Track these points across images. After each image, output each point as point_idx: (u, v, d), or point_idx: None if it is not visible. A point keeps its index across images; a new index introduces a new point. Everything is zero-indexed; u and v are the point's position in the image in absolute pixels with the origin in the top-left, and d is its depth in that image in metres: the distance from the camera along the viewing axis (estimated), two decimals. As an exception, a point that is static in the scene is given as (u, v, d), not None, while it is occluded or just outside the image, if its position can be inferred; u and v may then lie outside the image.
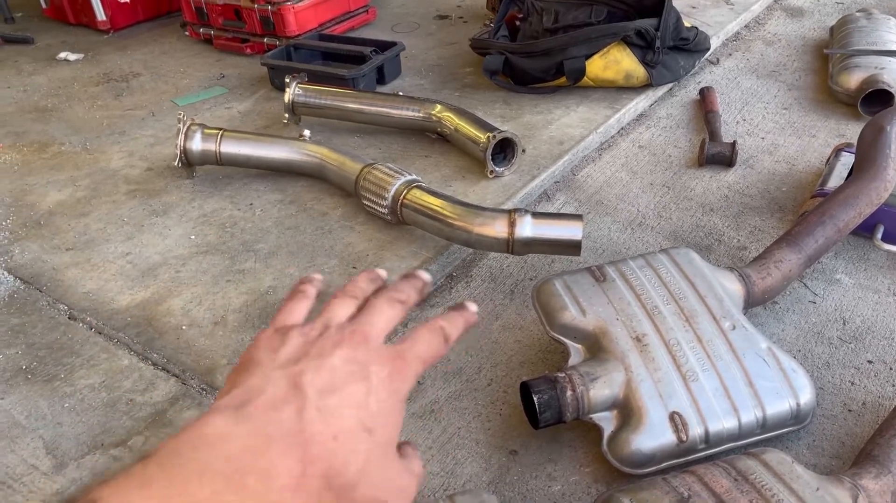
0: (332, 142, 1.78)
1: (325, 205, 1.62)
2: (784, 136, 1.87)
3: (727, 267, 1.20)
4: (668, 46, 2.00)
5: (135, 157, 1.89)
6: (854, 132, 1.63)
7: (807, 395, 1.01)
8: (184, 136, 1.65)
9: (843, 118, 1.93)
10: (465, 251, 1.48)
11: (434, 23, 2.74)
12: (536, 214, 1.31)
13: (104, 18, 2.79)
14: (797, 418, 1.01)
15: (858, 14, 2.24)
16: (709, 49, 2.18)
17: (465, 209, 1.36)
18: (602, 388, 1.00)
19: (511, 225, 1.30)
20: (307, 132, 1.68)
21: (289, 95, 1.87)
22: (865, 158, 1.35)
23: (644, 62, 1.96)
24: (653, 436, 0.96)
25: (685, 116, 2.00)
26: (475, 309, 0.52)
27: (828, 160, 1.60)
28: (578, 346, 1.08)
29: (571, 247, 1.29)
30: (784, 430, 1.02)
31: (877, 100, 1.84)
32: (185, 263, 1.47)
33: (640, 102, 2.02)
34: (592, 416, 1.01)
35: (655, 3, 2.00)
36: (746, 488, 0.83)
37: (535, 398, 0.99)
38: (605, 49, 1.94)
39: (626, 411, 0.99)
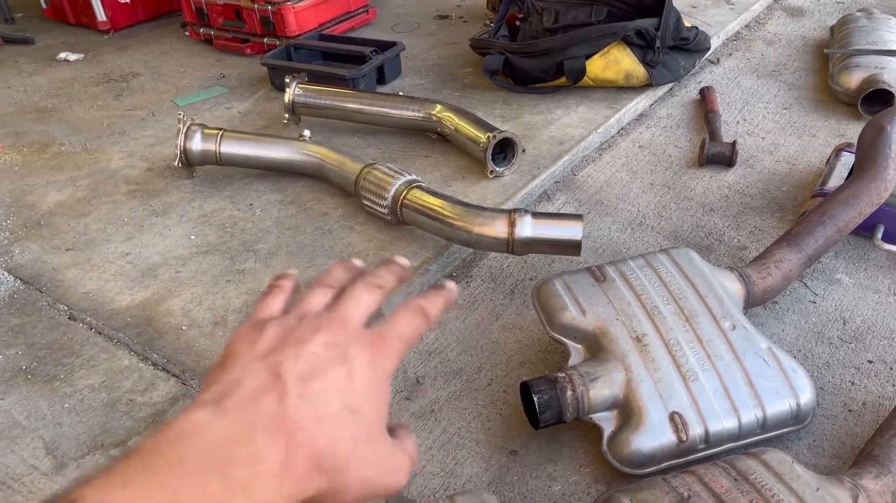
0: (332, 142, 1.78)
1: (325, 205, 1.62)
2: (784, 136, 1.87)
3: (727, 267, 1.20)
4: (669, 46, 2.00)
5: (135, 158, 1.90)
6: (854, 132, 1.63)
7: (807, 395, 1.01)
8: (184, 136, 1.65)
9: (844, 118, 1.93)
10: (466, 251, 1.48)
11: (434, 23, 2.73)
12: (536, 214, 1.31)
13: (104, 19, 2.79)
14: (797, 418, 1.01)
15: (859, 14, 2.24)
16: (709, 49, 2.18)
17: (465, 209, 1.36)
18: (602, 388, 1.00)
19: (511, 225, 1.30)
20: (307, 132, 1.68)
21: (289, 95, 1.87)
22: (866, 158, 1.35)
23: (644, 62, 1.96)
24: (653, 436, 0.96)
25: (685, 116, 2.00)
26: (454, 287, 0.52)
27: (828, 160, 1.60)
28: (578, 346, 1.08)
29: (571, 247, 1.29)
30: (784, 430, 1.02)
31: (877, 99, 1.84)
32: (185, 263, 1.47)
33: (641, 102, 2.01)
34: (592, 416, 1.01)
35: (655, 3, 1.99)
36: (746, 488, 0.83)
37: (536, 398, 0.99)
38: (606, 49, 1.94)
39: (626, 411, 0.99)
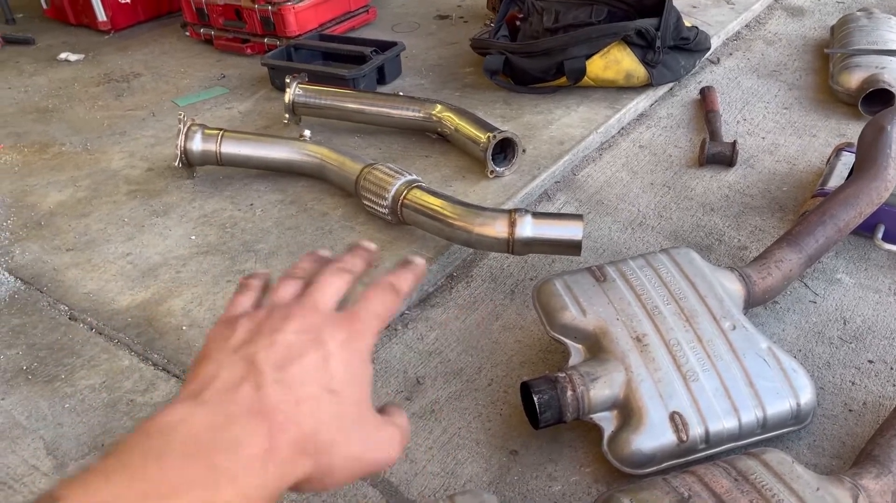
0: (333, 142, 1.78)
1: (326, 205, 1.62)
2: (785, 136, 1.87)
3: (727, 267, 1.20)
4: (669, 46, 2.00)
5: (135, 158, 1.90)
6: (855, 132, 1.63)
7: (807, 395, 1.01)
8: (184, 137, 1.65)
9: (844, 118, 1.93)
10: (466, 251, 1.48)
11: (434, 23, 2.73)
12: (537, 214, 1.31)
13: (105, 19, 2.80)
14: (797, 418, 1.01)
15: (859, 13, 2.24)
16: (709, 49, 2.18)
17: (466, 209, 1.36)
18: (602, 388, 1.00)
19: (511, 225, 1.30)
20: (307, 132, 1.68)
21: (289, 96, 1.87)
22: (866, 158, 1.35)
23: (644, 62, 1.96)
24: (653, 436, 0.96)
25: (686, 116, 2.00)
26: (422, 261, 0.52)
27: (828, 160, 1.60)
28: (579, 346, 1.08)
29: (572, 247, 1.29)
30: (784, 430, 1.02)
31: (877, 99, 1.84)
32: (186, 264, 1.47)
33: (641, 102, 2.01)
34: (593, 416, 1.01)
35: (656, 3, 1.99)
36: (747, 488, 0.83)
37: (536, 398, 0.99)
38: (606, 49, 1.94)
39: (627, 411, 0.99)
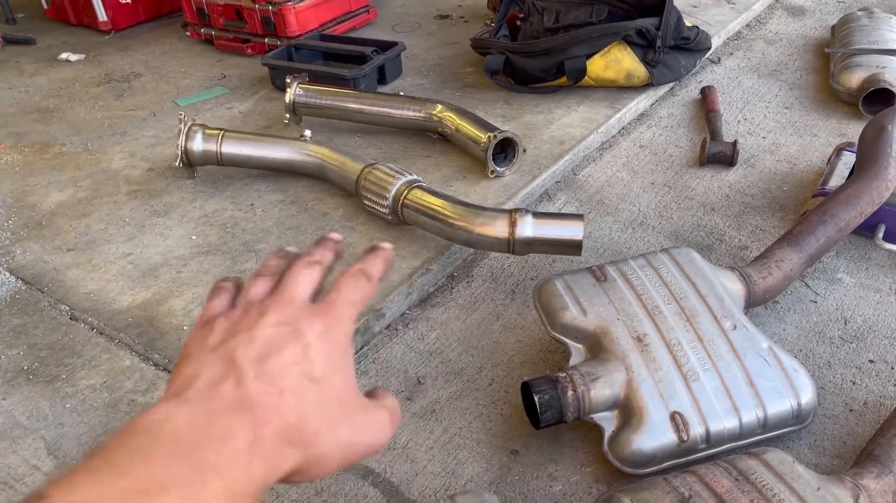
0: (333, 142, 1.78)
1: (326, 205, 1.62)
2: (785, 136, 1.87)
3: (728, 266, 1.20)
4: (669, 46, 2.00)
5: (136, 158, 1.90)
6: (855, 131, 1.63)
7: (808, 395, 1.01)
8: (185, 137, 1.65)
9: (845, 117, 1.93)
10: (466, 251, 1.48)
11: (435, 22, 2.74)
12: (537, 214, 1.31)
13: (105, 19, 2.80)
14: (798, 418, 1.01)
15: (860, 13, 2.24)
16: (710, 48, 2.18)
17: (466, 209, 1.36)
18: (603, 388, 1.00)
19: (512, 225, 1.30)
20: (308, 132, 1.68)
21: (290, 96, 1.87)
22: (867, 157, 1.35)
23: (645, 61, 1.96)
24: (654, 435, 0.96)
25: (686, 116, 2.00)
26: (389, 246, 0.53)
27: (829, 159, 1.60)
28: (579, 346, 1.08)
29: (572, 246, 1.29)
30: (785, 430, 1.02)
31: (878, 99, 1.84)
32: (187, 264, 1.47)
33: (641, 102, 2.01)
34: (593, 416, 1.01)
35: (656, 3, 1.99)
36: (747, 488, 0.83)
37: (536, 398, 0.99)
38: (606, 48, 1.94)
39: (627, 411, 0.99)
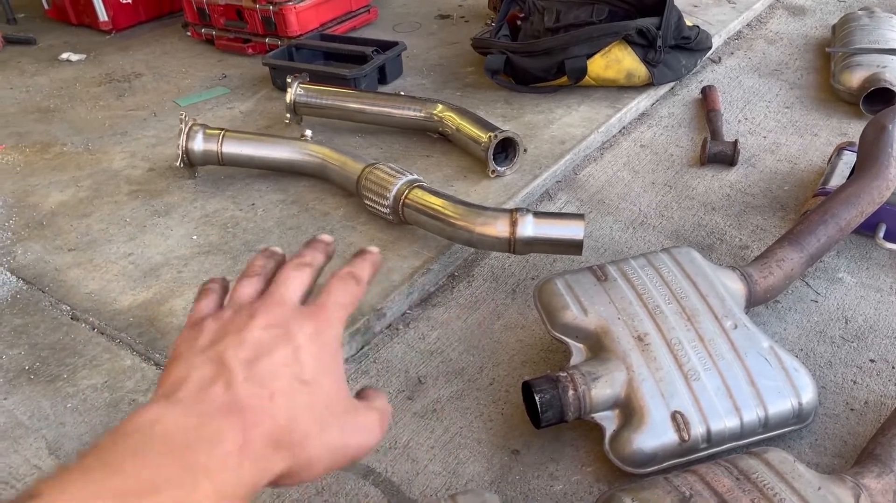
0: (334, 142, 1.78)
1: (327, 205, 1.63)
2: (786, 135, 1.87)
3: (729, 266, 1.20)
4: (670, 45, 2.00)
5: (137, 158, 1.90)
6: (856, 131, 1.62)
7: (809, 394, 1.01)
8: (185, 137, 1.65)
9: (845, 117, 1.92)
10: (467, 251, 1.49)
11: (435, 22, 2.74)
12: (538, 214, 1.31)
13: (106, 19, 2.80)
14: (799, 417, 1.01)
15: (860, 12, 2.24)
16: (710, 48, 2.18)
17: (467, 209, 1.36)
18: (604, 388, 1.00)
19: (513, 224, 1.30)
20: (309, 132, 1.68)
21: (290, 95, 1.87)
22: (867, 157, 1.35)
23: (646, 61, 1.96)
24: (655, 435, 0.96)
25: (687, 115, 2.00)
26: (376, 250, 0.54)
27: (830, 159, 1.60)
28: (580, 346, 1.08)
29: (573, 246, 1.29)
30: (786, 429, 1.02)
31: (879, 98, 1.84)
32: (188, 264, 1.47)
33: (642, 101, 2.01)
34: (594, 416, 1.01)
35: (657, 2, 1.99)
36: (748, 487, 0.83)
37: (537, 397, 0.99)
38: (607, 48, 1.94)
39: (628, 410, 0.99)
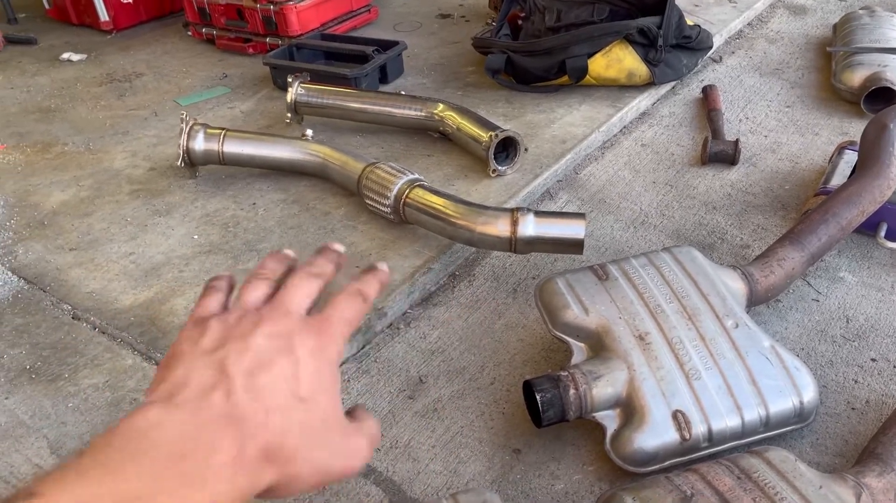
0: (335, 141, 1.78)
1: (328, 204, 1.63)
2: (787, 134, 1.87)
3: (730, 265, 1.20)
4: (671, 45, 2.00)
5: (138, 157, 1.90)
6: (857, 130, 1.62)
7: (810, 394, 1.01)
8: (186, 136, 1.65)
9: (847, 116, 1.92)
10: (468, 250, 1.49)
11: (436, 22, 2.74)
12: (539, 213, 1.31)
13: (107, 19, 2.80)
14: (800, 416, 1.01)
15: (861, 11, 2.23)
16: (711, 47, 2.17)
17: (468, 208, 1.36)
18: (605, 387, 1.00)
19: (514, 224, 1.30)
20: (310, 132, 1.68)
21: (291, 95, 1.87)
22: (869, 156, 1.35)
23: (647, 60, 1.96)
24: (656, 434, 0.96)
25: (688, 115, 2.00)
26: (386, 268, 0.53)
27: (831, 158, 1.60)
28: (581, 345, 1.08)
29: (574, 245, 1.29)
30: (787, 429, 1.02)
31: (880, 97, 1.84)
32: (189, 263, 1.47)
33: (643, 101, 2.01)
34: (595, 415, 1.01)
35: (658, 1, 1.99)
36: (749, 486, 0.83)
37: (539, 397, 0.99)
38: (608, 47, 1.94)
39: (629, 410, 0.99)
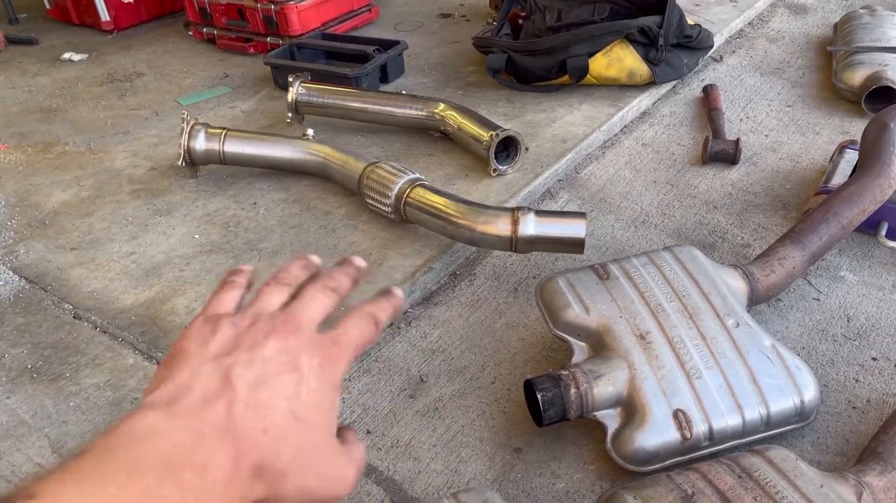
0: (336, 140, 1.78)
1: (329, 203, 1.63)
2: (788, 134, 1.87)
3: (731, 264, 1.20)
4: (672, 44, 2.00)
5: (139, 157, 1.90)
6: (858, 129, 1.62)
7: (811, 393, 1.01)
8: (187, 136, 1.65)
9: (847, 115, 1.92)
10: (469, 249, 1.49)
11: (437, 21, 2.74)
12: (540, 212, 1.31)
13: (108, 19, 2.80)
14: (801, 415, 1.01)
15: (862, 11, 2.23)
16: (712, 46, 2.17)
17: (469, 207, 1.36)
18: (606, 386, 1.00)
19: (514, 223, 1.30)
20: (310, 131, 1.68)
21: (292, 94, 1.87)
22: (869, 155, 1.34)
23: (647, 60, 1.96)
24: (657, 433, 0.96)
25: (689, 114, 2.00)
26: (400, 293, 0.53)
27: (832, 157, 1.60)
28: (582, 344, 1.08)
29: (575, 245, 1.29)
30: (788, 428, 1.02)
31: (881, 97, 1.84)
32: (190, 262, 1.48)
33: (644, 100, 2.01)
34: (596, 414, 1.01)
35: (658, 1, 1.99)
36: (750, 485, 0.83)
37: (539, 396, 0.99)
38: (609, 47, 1.94)
39: (630, 409, 0.99)
